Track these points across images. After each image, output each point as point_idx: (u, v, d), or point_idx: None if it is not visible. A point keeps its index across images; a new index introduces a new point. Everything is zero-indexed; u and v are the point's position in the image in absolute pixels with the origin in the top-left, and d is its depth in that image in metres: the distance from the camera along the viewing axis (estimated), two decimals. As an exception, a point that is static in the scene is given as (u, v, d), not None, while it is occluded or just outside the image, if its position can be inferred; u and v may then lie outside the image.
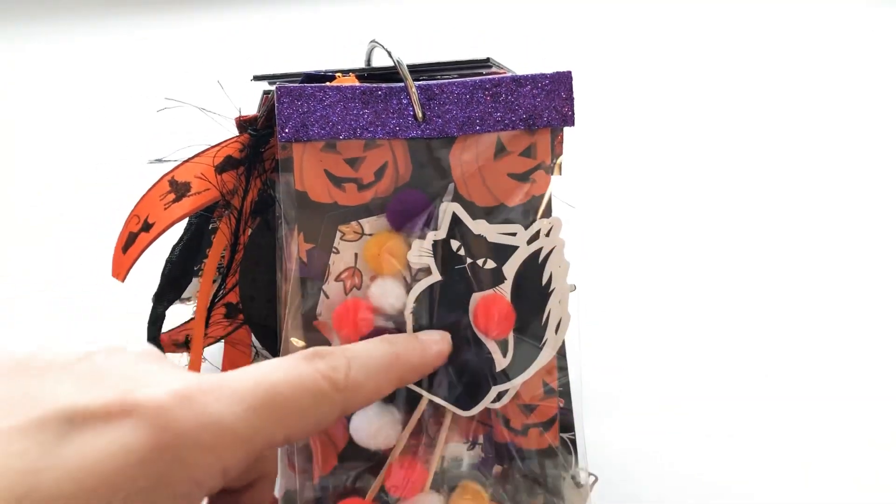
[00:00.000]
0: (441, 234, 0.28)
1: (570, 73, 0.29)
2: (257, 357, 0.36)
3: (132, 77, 0.61)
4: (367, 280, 0.29)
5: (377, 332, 0.28)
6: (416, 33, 0.59)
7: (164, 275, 0.33)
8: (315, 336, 0.29)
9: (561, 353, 0.31)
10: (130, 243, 0.30)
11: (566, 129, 0.31)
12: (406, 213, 0.28)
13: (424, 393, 0.29)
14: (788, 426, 0.46)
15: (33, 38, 0.65)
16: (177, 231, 0.31)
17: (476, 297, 0.29)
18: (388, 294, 0.28)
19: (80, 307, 0.47)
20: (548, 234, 0.29)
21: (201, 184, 0.30)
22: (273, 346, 0.32)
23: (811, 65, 0.65)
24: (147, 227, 0.30)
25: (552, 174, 0.30)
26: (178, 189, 0.30)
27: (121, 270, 0.30)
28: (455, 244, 0.28)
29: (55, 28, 0.66)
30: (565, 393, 0.32)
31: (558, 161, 0.30)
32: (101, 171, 0.55)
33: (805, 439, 0.45)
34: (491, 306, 0.28)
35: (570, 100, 0.29)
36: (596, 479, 0.33)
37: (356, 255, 0.29)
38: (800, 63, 0.65)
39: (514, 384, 0.29)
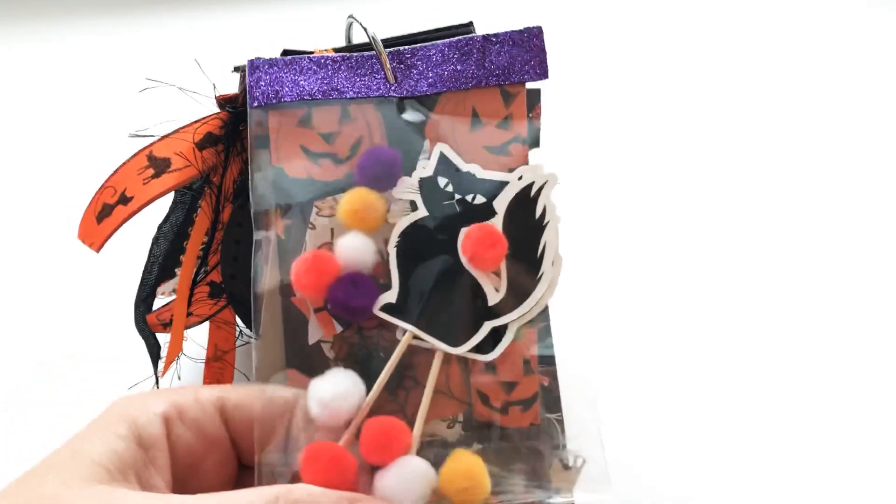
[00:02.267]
0: (428, 171, 0.27)
1: (540, 28, 0.28)
2: (240, 336, 0.36)
3: (112, 64, 0.62)
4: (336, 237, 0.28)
5: (344, 279, 0.27)
6: (403, 13, 0.58)
7: (151, 254, 0.33)
8: (293, 313, 0.29)
9: (545, 329, 0.30)
10: (106, 214, 0.29)
11: (544, 107, 0.30)
12: (377, 170, 0.27)
13: (407, 326, 0.27)
14: (786, 425, 0.44)
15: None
16: (160, 208, 0.31)
17: (464, 229, 0.27)
18: (357, 248, 0.27)
19: (69, 292, 0.47)
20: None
21: (181, 160, 0.30)
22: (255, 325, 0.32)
23: (808, 59, 0.63)
24: (125, 199, 0.29)
25: (529, 146, 0.29)
26: (158, 165, 0.30)
27: (95, 240, 0.29)
28: (442, 181, 0.27)
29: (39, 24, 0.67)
30: (550, 372, 0.31)
31: (537, 134, 0.29)
32: (80, 147, 0.55)
33: (804, 439, 0.43)
34: (479, 234, 0.27)
35: (542, 53, 0.28)
36: (584, 462, 0.32)
37: (332, 230, 0.29)
38: (797, 56, 0.63)
39: (510, 319, 0.27)
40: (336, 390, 0.26)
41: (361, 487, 0.25)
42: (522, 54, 0.28)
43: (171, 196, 0.32)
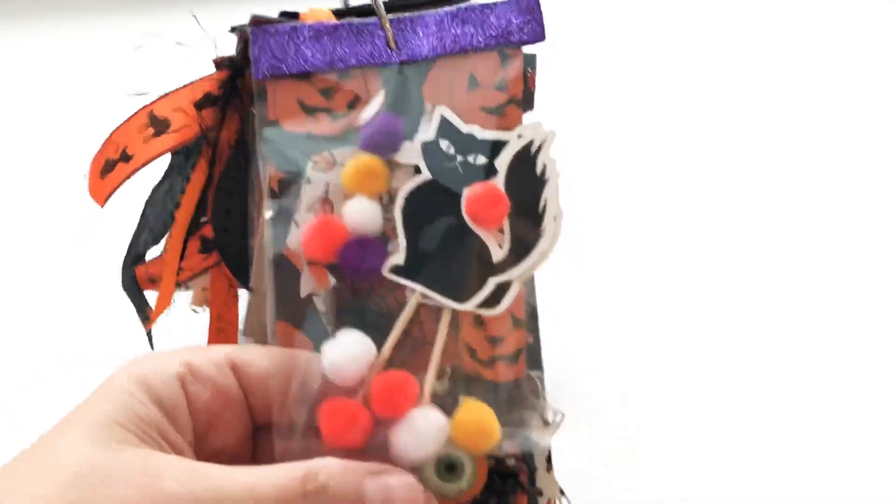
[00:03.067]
0: (430, 135, 0.28)
1: None
2: (231, 289, 0.36)
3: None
4: (339, 204, 0.28)
5: (353, 243, 0.27)
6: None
7: (143, 216, 0.33)
8: (285, 266, 0.29)
9: (531, 286, 0.31)
10: (109, 170, 0.29)
11: (539, 71, 0.30)
12: (381, 138, 0.28)
13: (415, 285, 0.27)
14: (783, 425, 0.46)
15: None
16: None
17: (467, 189, 0.27)
18: (365, 212, 0.27)
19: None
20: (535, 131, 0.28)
21: (181, 120, 0.30)
22: (246, 279, 0.32)
23: (804, 56, 0.64)
24: (126, 157, 0.29)
25: (523, 108, 0.29)
26: (158, 124, 0.30)
27: (100, 195, 0.29)
28: (444, 143, 0.28)
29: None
30: (534, 328, 0.32)
31: (532, 97, 0.30)
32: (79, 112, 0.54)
33: (801, 439, 0.45)
34: (482, 193, 0.27)
35: (539, 16, 0.28)
36: (563, 417, 0.33)
37: (328, 184, 0.29)
38: (794, 43, 0.64)
39: (514, 275, 0.27)
40: (346, 353, 0.26)
41: (379, 440, 0.25)
42: (520, 17, 0.28)
43: (166, 160, 0.32)
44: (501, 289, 0.28)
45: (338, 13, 0.30)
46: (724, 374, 0.48)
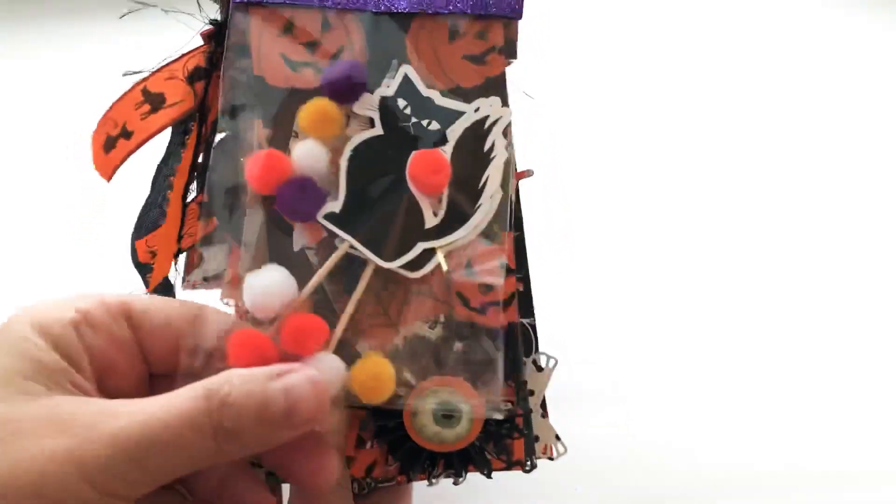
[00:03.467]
0: (389, 91, 0.28)
1: None
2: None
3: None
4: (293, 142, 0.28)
5: (294, 182, 0.27)
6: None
7: (151, 192, 0.32)
8: (278, 220, 0.29)
9: (520, 236, 0.31)
10: (111, 146, 0.29)
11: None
12: (342, 84, 0.28)
13: (345, 235, 0.27)
14: (780, 425, 0.47)
15: None
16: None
17: (414, 152, 0.28)
18: (311, 155, 0.27)
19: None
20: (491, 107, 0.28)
21: (175, 95, 0.30)
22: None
23: (791, 50, 0.64)
24: (127, 133, 0.29)
25: (506, 56, 0.29)
26: (153, 100, 0.30)
27: (107, 169, 0.30)
28: (402, 102, 0.28)
29: None
30: (525, 279, 0.32)
31: (514, 46, 0.30)
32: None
33: (800, 438, 0.46)
34: (427, 159, 0.28)
35: None
36: (556, 362, 0.33)
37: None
38: (781, 44, 0.64)
39: (441, 244, 0.28)
40: (267, 286, 0.26)
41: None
42: None
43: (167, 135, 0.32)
44: (426, 254, 0.28)
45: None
46: (714, 362, 0.48)
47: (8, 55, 0.62)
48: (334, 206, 0.28)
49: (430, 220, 0.28)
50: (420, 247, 0.28)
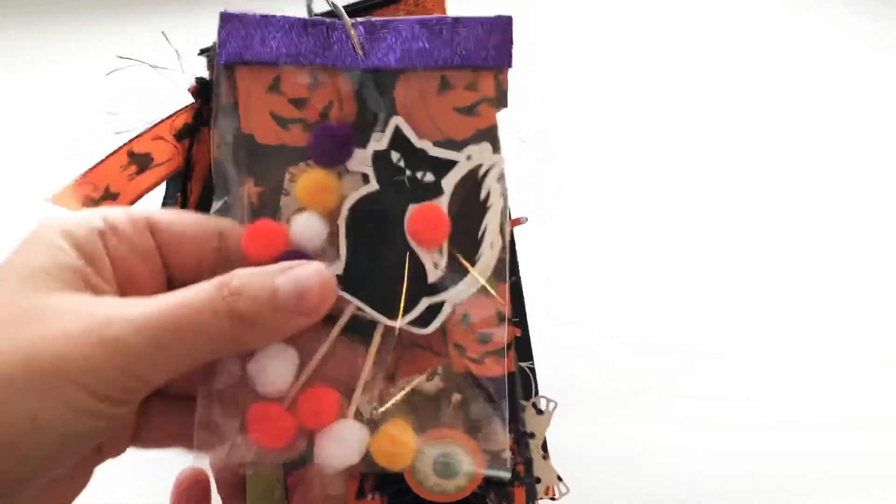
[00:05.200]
0: (382, 145, 0.27)
1: (510, 18, 0.28)
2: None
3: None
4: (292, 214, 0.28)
5: (288, 255, 0.27)
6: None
7: None
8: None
9: (516, 283, 0.30)
10: (92, 206, 0.29)
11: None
12: (329, 146, 0.27)
13: (350, 298, 0.27)
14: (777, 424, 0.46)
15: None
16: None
17: (412, 207, 0.27)
18: (307, 227, 0.27)
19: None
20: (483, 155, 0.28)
21: (162, 154, 0.29)
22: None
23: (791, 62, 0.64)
24: (111, 195, 0.29)
25: (496, 107, 0.29)
26: (140, 160, 0.29)
27: None
28: (395, 156, 0.27)
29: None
30: (522, 323, 0.31)
31: (504, 95, 0.29)
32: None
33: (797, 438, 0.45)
34: (425, 214, 0.27)
35: (508, 43, 0.28)
36: (556, 405, 0.33)
37: (306, 195, 0.28)
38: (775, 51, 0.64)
39: (446, 297, 0.27)
40: (268, 369, 0.26)
41: (300, 445, 0.26)
42: (490, 41, 0.28)
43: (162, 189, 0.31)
44: (433, 309, 0.28)
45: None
46: (712, 359, 0.48)
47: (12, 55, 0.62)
48: (336, 268, 0.27)
49: (433, 274, 0.28)
50: (425, 302, 0.28)
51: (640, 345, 0.51)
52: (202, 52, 0.30)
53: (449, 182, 0.28)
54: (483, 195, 0.28)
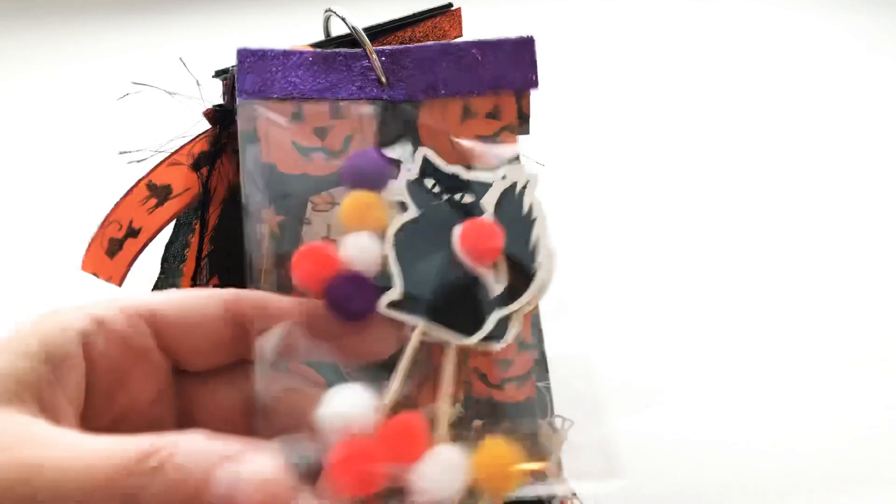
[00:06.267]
0: (412, 175, 0.27)
1: (532, 38, 0.27)
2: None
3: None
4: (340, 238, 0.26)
5: (343, 278, 0.25)
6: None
7: (160, 276, 0.31)
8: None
9: (535, 308, 0.30)
10: (117, 249, 0.28)
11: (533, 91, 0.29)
12: (367, 170, 0.26)
13: (416, 320, 0.26)
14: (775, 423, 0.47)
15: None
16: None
17: (458, 226, 0.26)
18: (362, 247, 0.25)
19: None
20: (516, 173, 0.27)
21: (182, 184, 0.28)
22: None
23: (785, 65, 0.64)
24: (134, 232, 0.28)
25: (518, 133, 0.28)
26: (159, 192, 0.28)
27: (114, 275, 0.28)
28: (429, 182, 0.27)
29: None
30: (538, 344, 0.31)
31: (527, 121, 0.29)
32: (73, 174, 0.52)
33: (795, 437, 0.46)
34: (476, 229, 0.26)
35: (533, 64, 0.27)
36: (572, 424, 0.33)
37: (328, 225, 0.28)
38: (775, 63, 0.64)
39: (514, 308, 0.26)
40: (348, 410, 0.24)
41: (392, 482, 0.24)
42: (514, 64, 0.27)
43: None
44: (503, 322, 0.27)
45: (319, 45, 0.29)
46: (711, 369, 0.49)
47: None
48: (393, 293, 0.26)
49: (495, 289, 0.27)
50: (495, 317, 0.27)
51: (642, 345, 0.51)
52: (218, 73, 0.29)
53: (489, 200, 0.27)
54: (525, 209, 0.27)
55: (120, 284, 0.28)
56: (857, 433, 0.47)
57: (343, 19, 0.27)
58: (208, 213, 0.28)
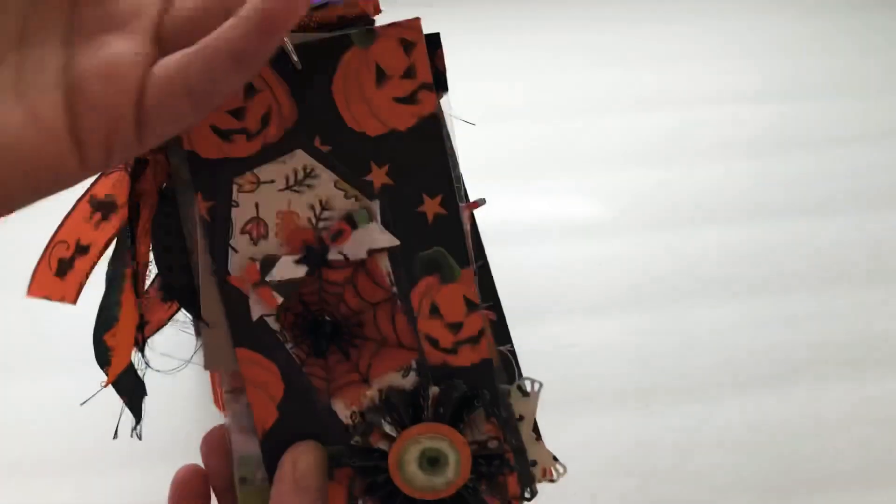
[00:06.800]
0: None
1: None
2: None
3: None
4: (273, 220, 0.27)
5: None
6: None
7: (107, 292, 0.31)
8: (232, 292, 0.28)
9: (483, 266, 0.29)
10: (68, 267, 0.28)
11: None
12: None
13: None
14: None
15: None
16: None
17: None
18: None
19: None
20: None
21: (124, 195, 0.29)
22: (199, 313, 0.31)
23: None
24: (83, 249, 0.28)
25: (438, 91, 0.28)
26: (103, 207, 0.29)
27: (69, 294, 0.28)
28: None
29: None
30: (496, 307, 0.30)
31: (443, 77, 0.28)
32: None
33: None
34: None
35: None
36: (542, 386, 0.32)
37: (256, 204, 0.28)
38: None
39: None
40: None
41: None
42: None
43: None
44: None
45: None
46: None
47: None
48: None
49: None
50: None
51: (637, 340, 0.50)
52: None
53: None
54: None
55: (74, 303, 0.28)
56: (857, 433, 0.45)
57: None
58: (139, 215, 0.28)
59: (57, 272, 0.29)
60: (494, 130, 0.57)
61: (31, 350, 0.50)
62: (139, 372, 0.30)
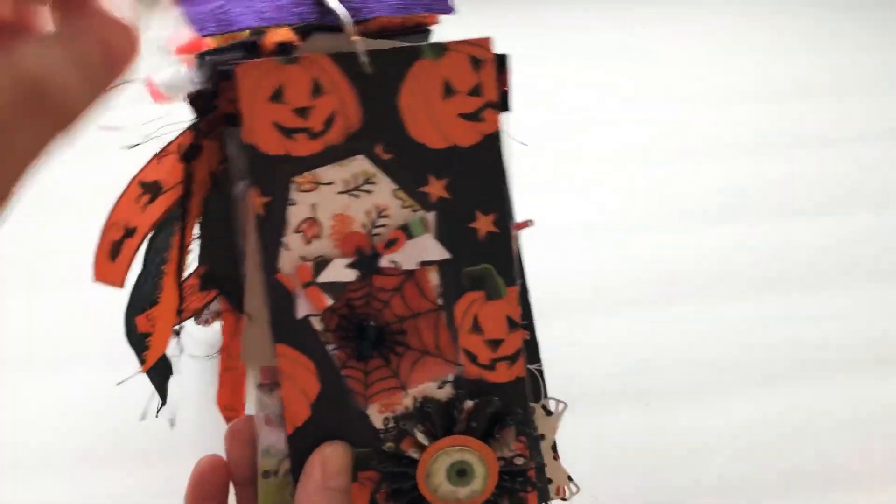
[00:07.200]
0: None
1: None
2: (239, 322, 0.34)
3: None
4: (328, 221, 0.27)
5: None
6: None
7: (144, 267, 0.31)
8: (278, 289, 0.28)
9: (523, 287, 0.30)
10: (117, 251, 0.28)
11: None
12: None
13: None
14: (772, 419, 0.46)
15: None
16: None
17: None
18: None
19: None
20: None
21: (172, 177, 0.28)
22: (242, 305, 0.31)
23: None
24: (130, 232, 0.28)
25: (499, 111, 0.28)
26: (151, 189, 0.28)
27: (116, 278, 0.28)
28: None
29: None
30: (529, 326, 0.31)
31: (506, 97, 0.29)
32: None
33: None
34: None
35: None
36: (566, 406, 0.32)
37: (313, 205, 0.28)
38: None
39: None
40: None
41: None
42: None
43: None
44: None
45: (303, 30, 0.28)
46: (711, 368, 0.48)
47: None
48: None
49: None
50: None
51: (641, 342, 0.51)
52: (200, 56, 0.29)
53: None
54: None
55: (122, 286, 0.28)
56: (857, 433, 0.46)
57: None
58: (190, 202, 0.28)
59: (110, 255, 0.29)
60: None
61: (30, 349, 0.49)
62: (172, 358, 0.30)
